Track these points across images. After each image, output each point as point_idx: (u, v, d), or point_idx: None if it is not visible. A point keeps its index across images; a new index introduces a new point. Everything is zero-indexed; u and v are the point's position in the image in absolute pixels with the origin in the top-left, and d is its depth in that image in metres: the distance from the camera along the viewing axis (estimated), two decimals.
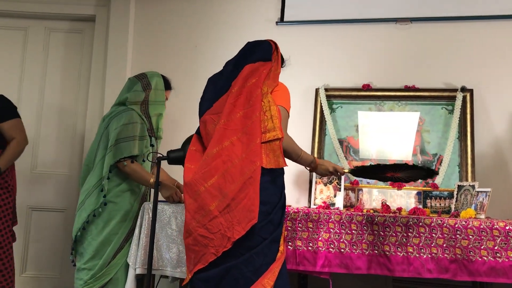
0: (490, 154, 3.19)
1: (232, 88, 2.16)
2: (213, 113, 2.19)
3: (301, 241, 2.57)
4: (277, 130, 2.05)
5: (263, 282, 1.96)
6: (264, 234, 2.00)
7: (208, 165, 2.03)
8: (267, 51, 2.26)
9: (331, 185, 3.11)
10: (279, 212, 2.08)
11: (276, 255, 2.02)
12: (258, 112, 2.07)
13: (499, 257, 2.36)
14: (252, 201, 1.96)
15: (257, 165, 1.99)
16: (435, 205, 3.05)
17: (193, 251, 2.04)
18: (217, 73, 2.35)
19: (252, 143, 2.03)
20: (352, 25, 3.53)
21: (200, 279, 2.02)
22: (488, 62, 3.28)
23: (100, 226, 2.75)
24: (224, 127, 2.08)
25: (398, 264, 2.44)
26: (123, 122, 2.78)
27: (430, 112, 3.28)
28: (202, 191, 2.01)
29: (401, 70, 3.40)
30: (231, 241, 1.95)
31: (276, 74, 2.25)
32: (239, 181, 1.98)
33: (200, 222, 2.01)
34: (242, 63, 2.22)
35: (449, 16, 3.37)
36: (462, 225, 2.43)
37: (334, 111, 3.43)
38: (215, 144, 2.06)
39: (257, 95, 2.10)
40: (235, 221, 1.96)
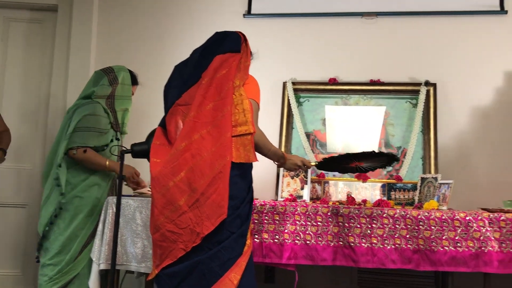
0: (453, 147, 3.26)
1: (202, 79, 2.12)
2: (182, 104, 2.14)
3: (267, 234, 2.57)
4: (249, 124, 2.04)
5: (230, 276, 1.95)
6: (232, 229, 2.00)
7: (177, 160, 2.00)
8: (236, 42, 2.22)
9: (298, 178, 3.13)
10: (247, 206, 2.08)
11: (243, 249, 2.02)
12: (229, 106, 2.04)
13: (460, 246, 2.42)
14: (221, 196, 1.96)
15: (227, 160, 1.98)
16: (399, 197, 3.10)
17: (160, 247, 2.01)
18: (183, 61, 2.29)
19: (223, 137, 2.00)
20: (319, 19, 3.54)
21: (167, 274, 2.00)
22: (451, 56, 3.35)
23: (67, 220, 2.72)
24: (194, 120, 2.04)
25: (363, 255, 2.47)
26: (85, 113, 2.77)
27: (395, 106, 3.33)
28: (171, 186, 1.98)
29: (366, 64, 3.43)
30: (200, 236, 1.94)
31: (246, 66, 2.23)
32: (208, 176, 1.96)
33: (168, 217, 1.98)
34: (211, 54, 2.18)
35: (414, 11, 3.42)
36: (425, 216, 2.47)
37: (301, 105, 3.44)
38: (184, 137, 2.03)
39: (229, 88, 2.07)
40: (205, 216, 1.94)
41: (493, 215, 2.45)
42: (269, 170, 3.38)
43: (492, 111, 3.26)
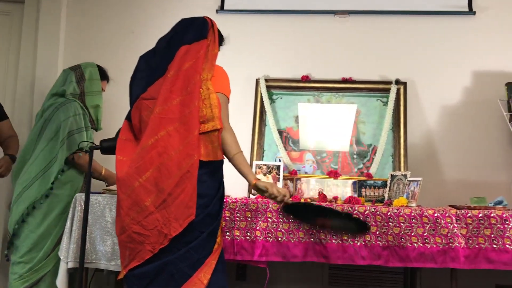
0: (422, 145, 3.32)
1: (168, 72, 2.03)
2: (147, 98, 2.05)
3: (239, 231, 2.56)
4: (216, 120, 1.98)
5: (199, 276, 1.92)
6: (202, 228, 1.96)
7: (143, 158, 1.93)
8: (203, 29, 2.12)
9: (271, 175, 3.13)
10: (217, 204, 2.04)
11: (213, 248, 1.99)
12: (196, 101, 1.97)
13: (428, 243, 2.46)
14: (189, 196, 1.91)
15: (194, 159, 1.93)
16: (370, 194, 3.14)
17: (127, 248, 1.96)
18: (149, 51, 2.19)
19: (190, 134, 1.94)
20: (292, 16, 3.55)
21: (135, 275, 1.95)
22: (421, 56, 3.41)
23: (39, 218, 2.70)
24: (160, 115, 1.96)
25: (334, 252, 2.49)
26: (72, 113, 2.77)
27: (366, 104, 3.36)
28: (137, 186, 1.92)
29: (339, 62, 3.46)
30: (168, 238, 1.90)
31: (214, 54, 2.12)
32: (176, 176, 1.90)
33: (134, 219, 1.92)
34: (177, 44, 2.09)
35: (385, 10, 3.47)
36: (394, 213, 2.51)
37: (274, 102, 3.44)
38: (150, 135, 1.95)
39: (196, 82, 2.00)
40: (172, 218, 1.90)
41: (460, 212, 2.50)
42: None
43: (460, 110, 3.33)
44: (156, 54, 2.13)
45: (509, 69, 3.30)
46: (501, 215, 2.46)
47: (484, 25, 3.37)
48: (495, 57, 3.33)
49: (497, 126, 3.25)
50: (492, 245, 2.44)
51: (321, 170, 3.29)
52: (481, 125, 3.28)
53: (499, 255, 2.43)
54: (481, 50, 3.35)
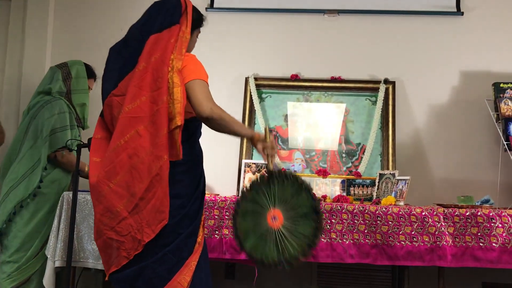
0: (410, 144, 3.34)
1: (139, 65, 1.88)
2: (118, 94, 1.91)
3: (228, 230, 2.55)
4: (177, 116, 1.82)
5: (178, 279, 1.85)
6: (180, 229, 1.88)
7: (112, 162, 1.83)
8: (174, 12, 1.94)
9: (260, 174, 3.13)
10: (197, 203, 1.96)
11: (194, 248, 1.91)
12: (165, 96, 1.82)
13: (416, 241, 2.48)
14: (160, 201, 1.81)
15: (164, 160, 1.81)
16: (358, 193, 3.15)
17: (105, 253, 1.90)
18: (120, 41, 2.01)
19: (159, 134, 1.82)
20: (282, 15, 3.54)
21: (114, 279, 1.90)
22: (410, 55, 3.43)
23: (26, 217, 2.67)
24: (129, 115, 1.84)
25: (322, 250, 2.49)
26: (57, 111, 2.74)
27: (355, 103, 3.38)
28: (107, 192, 1.83)
29: (328, 61, 3.47)
30: (142, 244, 1.82)
31: (184, 40, 1.92)
32: (146, 179, 1.81)
33: (108, 225, 1.84)
34: (147, 33, 1.92)
35: (374, 10, 3.48)
36: (383, 212, 2.52)
37: (264, 101, 3.44)
38: (119, 136, 1.84)
39: (164, 75, 1.84)
40: (145, 223, 1.81)
41: (448, 211, 2.52)
42: (231, 165, 3.37)
43: (447, 110, 3.35)
44: (128, 45, 1.97)
45: (496, 69, 3.33)
46: (487, 213, 2.49)
47: (471, 25, 3.39)
48: (482, 57, 3.36)
49: (484, 125, 3.28)
50: (478, 244, 2.47)
51: (310, 169, 3.29)
52: (468, 124, 3.31)
53: (485, 253, 2.46)
54: (469, 50, 3.38)
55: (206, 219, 2.57)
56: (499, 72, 3.32)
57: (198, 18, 2.09)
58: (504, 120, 2.98)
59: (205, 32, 3.52)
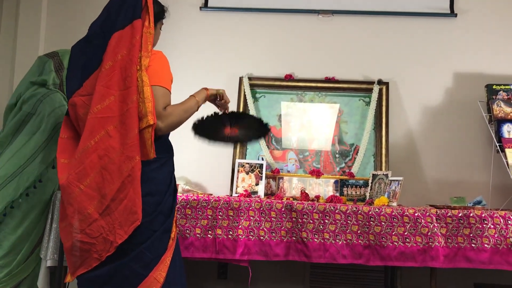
0: (403, 145, 3.35)
1: (104, 64, 1.85)
2: (83, 94, 1.88)
3: (221, 230, 2.55)
4: (149, 115, 1.81)
5: (155, 275, 1.85)
6: (154, 227, 1.88)
7: (82, 163, 1.80)
8: (135, 7, 1.90)
9: (253, 174, 3.13)
10: (170, 199, 1.95)
11: (167, 244, 1.91)
12: (134, 96, 1.80)
13: (408, 242, 2.48)
14: (132, 202, 1.80)
15: (135, 161, 1.80)
16: (351, 193, 3.16)
17: (73, 255, 1.86)
18: (82, 39, 1.98)
19: (130, 134, 1.80)
20: (276, 15, 3.54)
21: (87, 279, 1.87)
22: (403, 56, 3.44)
23: (18, 219, 2.54)
24: (98, 115, 1.81)
25: (315, 251, 2.50)
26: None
27: (349, 104, 3.38)
28: (78, 193, 1.80)
29: (322, 61, 3.47)
30: (114, 245, 1.81)
31: (149, 36, 1.90)
32: (117, 180, 1.79)
33: (77, 228, 1.81)
34: (110, 29, 1.89)
35: (369, 11, 3.48)
36: (376, 212, 2.53)
37: (258, 100, 3.44)
38: (89, 137, 1.81)
39: (133, 73, 1.81)
40: (117, 224, 1.80)
41: (440, 212, 2.53)
42: (225, 165, 3.36)
43: (441, 111, 3.36)
44: (90, 42, 1.94)
45: (489, 71, 3.35)
46: (480, 215, 2.50)
47: (465, 27, 3.41)
48: (475, 59, 3.38)
49: (476, 127, 3.30)
50: (471, 245, 2.48)
51: (303, 169, 3.29)
52: (461, 125, 3.33)
53: (477, 254, 2.47)
54: (462, 51, 3.40)
55: (199, 219, 2.56)
56: (492, 74, 3.34)
57: (160, 11, 2.07)
58: (497, 122, 2.99)
59: (199, 31, 3.54)
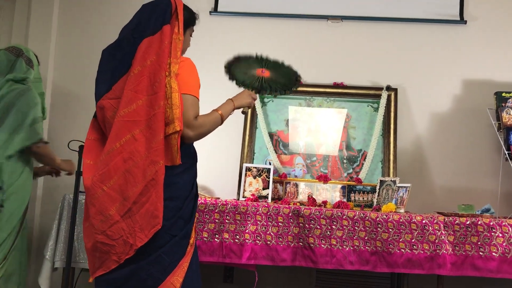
0: (411, 151, 3.34)
1: (133, 69, 1.87)
2: (112, 97, 1.90)
3: (228, 234, 2.55)
4: (176, 121, 1.83)
5: (172, 280, 1.85)
6: (174, 232, 1.88)
7: (107, 165, 1.82)
8: (165, 14, 1.91)
9: (260, 178, 3.13)
10: (190, 204, 1.95)
11: (186, 250, 1.91)
12: (162, 101, 1.82)
13: (416, 249, 2.48)
14: (154, 205, 1.81)
15: (159, 165, 1.82)
16: (359, 199, 3.15)
17: (93, 256, 1.88)
18: (113, 42, 2.00)
19: (155, 138, 1.82)
20: (286, 20, 3.55)
21: (104, 281, 1.87)
22: (412, 63, 3.43)
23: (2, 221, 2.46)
24: (125, 118, 1.83)
25: (322, 256, 2.50)
26: (36, 101, 2.58)
27: (357, 109, 3.38)
28: (100, 194, 1.82)
29: (331, 67, 3.47)
30: (134, 248, 1.81)
31: (178, 42, 1.92)
32: (140, 183, 1.81)
33: (99, 228, 1.82)
34: (140, 35, 1.91)
35: (378, 17, 3.49)
36: (383, 219, 2.52)
37: (266, 105, 3.45)
38: (114, 139, 1.83)
39: (161, 79, 1.84)
40: (137, 227, 1.80)
41: (448, 219, 2.53)
42: (232, 169, 3.37)
43: (449, 117, 3.35)
44: (120, 46, 1.96)
45: (499, 78, 3.34)
46: (488, 223, 2.49)
47: (475, 34, 3.40)
48: (485, 66, 3.37)
49: (485, 134, 3.28)
50: (478, 253, 2.47)
51: (310, 174, 3.29)
52: (470, 133, 3.31)
53: (485, 262, 2.46)
54: (471, 59, 3.39)
55: (206, 223, 2.57)
56: (501, 81, 3.32)
57: (190, 17, 2.07)
58: (506, 129, 2.98)
59: (208, 35, 3.55)
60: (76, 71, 3.61)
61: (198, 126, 1.92)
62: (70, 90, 3.61)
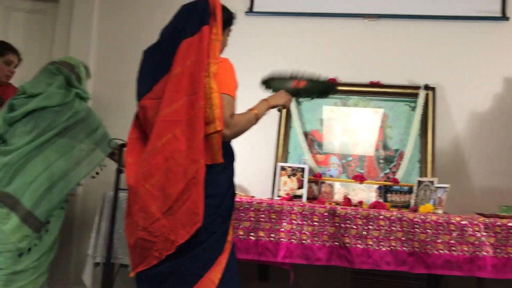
0: (450, 151, 3.28)
1: (173, 69, 1.91)
2: (153, 97, 1.95)
3: (263, 232, 2.57)
4: (217, 121, 1.87)
5: (210, 276, 1.88)
6: (213, 228, 1.91)
7: (149, 164, 1.87)
8: (203, 15, 1.94)
9: (295, 177, 3.13)
10: (229, 202, 1.99)
11: (224, 247, 1.94)
12: (202, 101, 1.86)
13: (454, 250, 2.43)
14: (196, 203, 1.84)
15: (200, 164, 1.85)
16: (395, 200, 3.11)
17: (135, 252, 1.93)
18: (153, 44, 2.05)
19: (196, 138, 1.85)
20: (321, 19, 3.54)
21: (145, 275, 1.92)
22: (451, 61, 3.36)
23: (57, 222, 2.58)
24: (166, 118, 1.87)
25: (358, 256, 2.48)
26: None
27: (394, 108, 3.34)
28: (143, 192, 1.86)
29: (367, 65, 3.44)
30: (175, 245, 1.84)
31: (217, 42, 1.94)
32: (182, 182, 1.84)
33: (141, 225, 1.86)
34: (179, 36, 1.94)
35: (415, 15, 3.43)
36: (421, 219, 2.49)
37: (300, 104, 3.44)
38: (156, 139, 1.87)
39: (201, 80, 1.87)
40: (179, 225, 1.84)
41: (489, 220, 2.47)
42: (266, 168, 3.38)
43: (489, 117, 3.27)
44: (161, 48, 2.00)
45: None
46: None
47: None
48: None
49: None
50: None
51: (346, 174, 3.27)
52: (510, 132, 3.22)
53: None
54: None
55: (241, 221, 2.59)
56: None
57: (228, 17, 2.10)
58: None
59: (244, 35, 3.58)
60: (116, 73, 3.69)
61: (234, 124, 1.96)
62: (110, 91, 3.69)
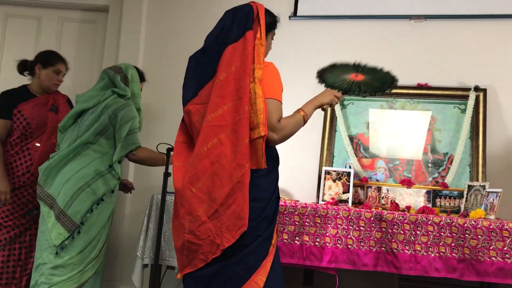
0: (502, 155, 3.16)
1: (218, 75, 1.94)
2: (198, 102, 1.98)
3: (308, 236, 2.56)
4: (261, 126, 1.88)
5: (256, 279, 1.89)
6: (258, 232, 1.92)
7: (195, 168, 1.90)
8: (247, 20, 1.96)
9: (340, 182, 3.10)
10: (273, 206, 1.99)
11: (269, 250, 1.95)
12: (247, 106, 1.88)
13: (508, 258, 2.34)
14: (241, 207, 1.86)
15: (245, 169, 1.87)
16: (444, 205, 3.03)
17: (182, 254, 1.97)
18: (199, 50, 2.07)
19: (241, 143, 1.87)
20: (366, 21, 3.50)
21: (191, 277, 1.96)
22: (502, 62, 3.25)
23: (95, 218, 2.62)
24: (212, 123, 1.90)
25: (406, 262, 2.43)
26: (133, 116, 2.76)
27: (442, 111, 3.25)
28: (189, 196, 1.90)
29: (414, 67, 3.37)
30: (221, 248, 1.87)
31: (261, 47, 1.95)
32: (227, 186, 1.86)
33: (188, 228, 1.90)
34: (224, 42, 1.97)
35: (463, 15, 3.34)
36: (472, 225, 2.41)
37: (345, 107, 3.41)
38: (202, 143, 1.91)
39: (246, 85, 1.89)
40: (224, 228, 1.86)
41: None
42: (311, 173, 3.37)
43: None
44: (207, 55, 2.03)
45: None
46: None
47: None
48: None
49: None
50: None
51: (393, 178, 3.21)
52: None
53: None
54: None
55: (286, 225, 2.59)
56: None
57: (272, 21, 2.11)
58: None
59: (289, 40, 3.59)
60: (164, 79, 3.77)
61: (282, 128, 1.97)
62: (158, 96, 3.78)
